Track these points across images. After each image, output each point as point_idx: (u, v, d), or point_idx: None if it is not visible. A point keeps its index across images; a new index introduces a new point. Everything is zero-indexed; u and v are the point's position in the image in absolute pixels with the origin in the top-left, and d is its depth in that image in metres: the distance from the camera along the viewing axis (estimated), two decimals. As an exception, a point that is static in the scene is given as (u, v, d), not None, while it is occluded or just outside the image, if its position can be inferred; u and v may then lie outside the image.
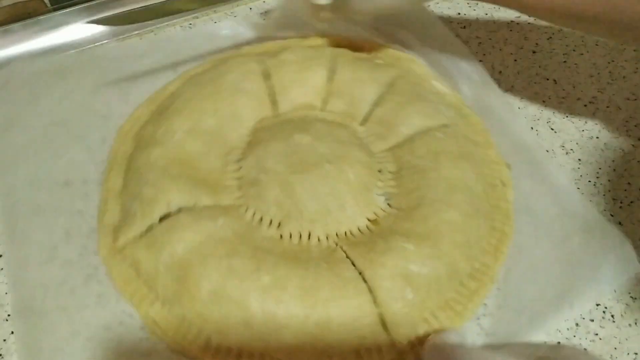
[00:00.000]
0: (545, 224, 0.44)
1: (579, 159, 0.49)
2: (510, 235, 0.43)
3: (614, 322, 0.40)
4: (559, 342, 0.39)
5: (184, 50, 0.55)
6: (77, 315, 0.38)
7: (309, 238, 0.41)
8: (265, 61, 0.50)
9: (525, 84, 0.55)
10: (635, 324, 0.40)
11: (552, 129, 0.51)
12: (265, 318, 0.36)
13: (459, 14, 0.61)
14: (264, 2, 0.62)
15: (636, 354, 0.39)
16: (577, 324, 0.40)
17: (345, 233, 0.42)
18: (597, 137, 0.51)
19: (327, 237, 0.41)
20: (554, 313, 0.39)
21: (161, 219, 0.40)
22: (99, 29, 0.56)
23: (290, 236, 0.41)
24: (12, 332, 0.38)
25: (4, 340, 0.38)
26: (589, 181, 0.48)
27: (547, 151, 0.50)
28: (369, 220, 0.43)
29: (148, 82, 0.52)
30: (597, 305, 0.41)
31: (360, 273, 0.38)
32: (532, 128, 0.51)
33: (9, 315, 0.39)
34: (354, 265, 0.39)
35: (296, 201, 0.41)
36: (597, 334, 0.39)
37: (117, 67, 0.53)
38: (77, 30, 0.56)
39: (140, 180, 0.42)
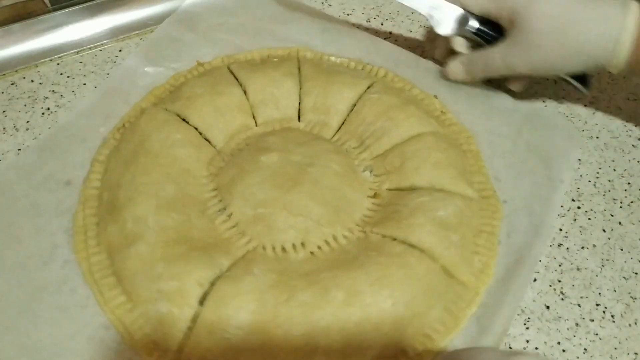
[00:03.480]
0: (492, 123, 0.50)
1: (579, 159, 0.49)
2: (477, 149, 0.48)
3: (614, 322, 0.40)
4: (558, 342, 0.39)
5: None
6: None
7: (336, 241, 0.41)
8: (170, 107, 0.47)
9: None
10: (635, 324, 0.40)
11: (552, 129, 0.52)
12: (359, 327, 0.36)
13: (459, 13, 0.61)
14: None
15: (636, 354, 0.39)
16: (577, 324, 0.40)
17: (361, 219, 0.43)
18: (597, 137, 0.51)
19: (351, 232, 0.42)
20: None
21: (200, 302, 0.37)
22: (99, 28, 0.56)
23: (320, 248, 0.41)
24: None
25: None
26: (589, 181, 0.48)
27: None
28: (370, 197, 0.45)
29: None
30: (597, 305, 0.41)
31: (403, 242, 0.40)
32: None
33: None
34: (395, 240, 0.40)
35: (307, 214, 0.41)
36: (597, 334, 0.39)
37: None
38: (77, 30, 0.56)
39: (148, 282, 0.38)
